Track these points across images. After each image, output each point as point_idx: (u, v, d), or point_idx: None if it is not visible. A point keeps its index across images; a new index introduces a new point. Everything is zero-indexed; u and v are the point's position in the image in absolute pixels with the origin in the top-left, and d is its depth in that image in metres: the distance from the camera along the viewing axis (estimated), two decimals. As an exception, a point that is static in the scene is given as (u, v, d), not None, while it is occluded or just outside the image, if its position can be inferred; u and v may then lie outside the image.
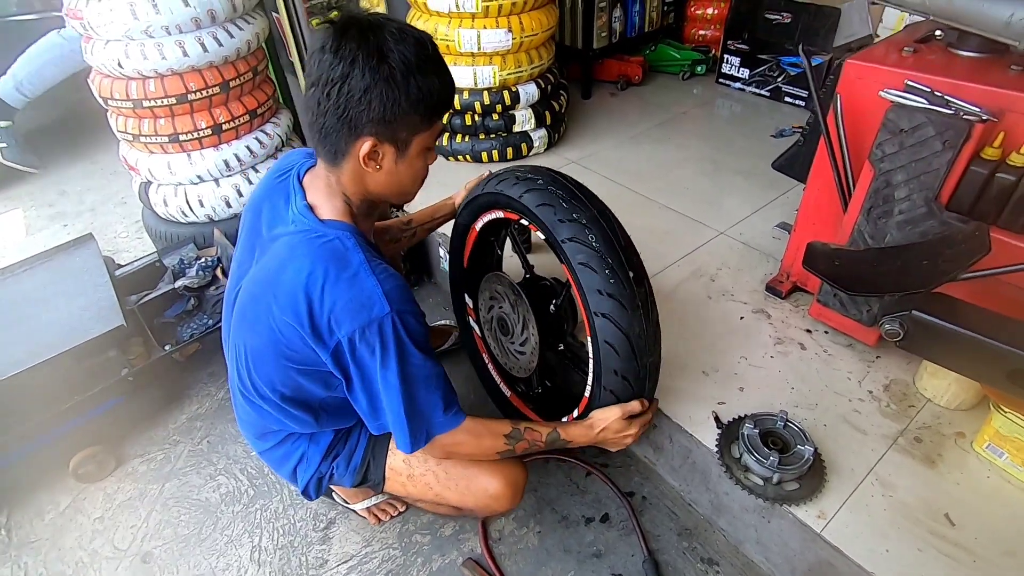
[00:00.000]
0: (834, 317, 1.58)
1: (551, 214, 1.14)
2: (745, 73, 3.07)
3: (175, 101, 1.86)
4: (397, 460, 1.26)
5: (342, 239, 0.97)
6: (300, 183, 1.04)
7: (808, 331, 1.65)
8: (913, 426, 1.39)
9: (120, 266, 1.94)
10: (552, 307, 1.40)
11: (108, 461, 1.63)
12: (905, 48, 1.35)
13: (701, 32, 3.42)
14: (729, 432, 1.37)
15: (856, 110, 1.37)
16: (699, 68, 3.29)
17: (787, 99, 2.96)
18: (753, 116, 2.89)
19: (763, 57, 2.97)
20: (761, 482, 1.27)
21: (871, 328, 1.51)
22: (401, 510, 1.50)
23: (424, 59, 0.90)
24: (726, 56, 3.11)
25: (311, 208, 1.00)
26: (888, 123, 1.25)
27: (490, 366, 1.62)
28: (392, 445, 1.27)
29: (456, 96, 2.35)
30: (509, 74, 2.30)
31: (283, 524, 1.50)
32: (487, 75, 2.28)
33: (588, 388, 1.25)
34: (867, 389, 1.48)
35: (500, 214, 1.33)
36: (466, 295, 1.58)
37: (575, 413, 1.31)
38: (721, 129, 2.83)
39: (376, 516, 1.49)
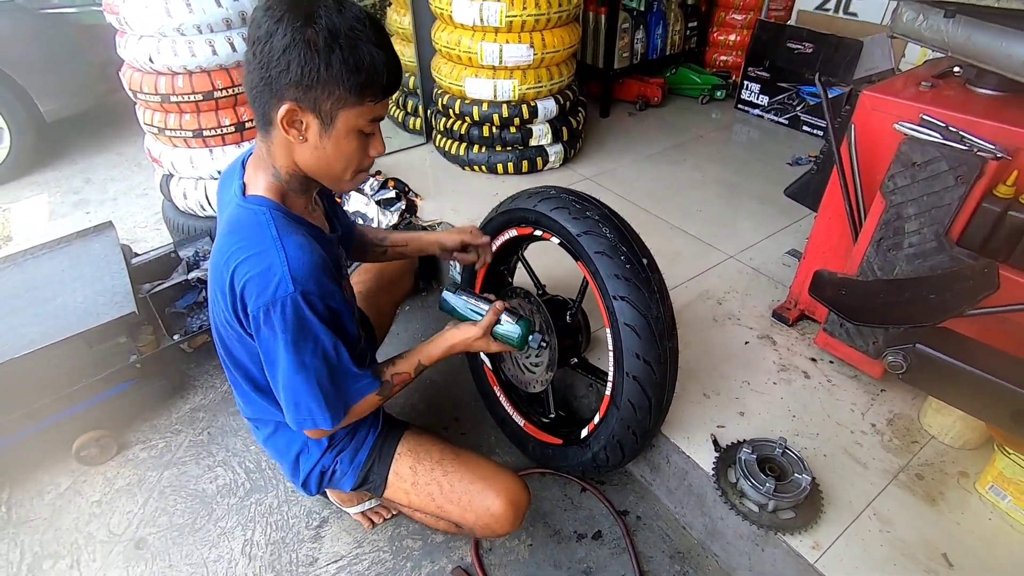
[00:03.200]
0: (840, 347, 1.57)
1: (565, 215, 1.22)
2: (764, 100, 3.08)
3: (201, 98, 1.91)
4: (403, 466, 1.24)
5: (257, 214, 0.96)
6: (243, 166, 1.06)
7: (813, 360, 1.64)
8: (915, 462, 1.37)
9: (137, 255, 1.98)
10: (567, 317, 1.44)
11: (110, 446, 1.65)
12: (923, 82, 1.36)
13: (722, 58, 3.46)
14: (727, 456, 1.36)
15: (870, 141, 1.37)
16: (719, 93, 3.31)
17: (805, 128, 2.97)
18: (770, 142, 2.90)
19: (783, 85, 2.98)
20: (756, 508, 1.26)
21: (877, 360, 1.49)
22: (394, 512, 1.50)
23: (356, 33, 0.85)
24: (746, 82, 3.13)
25: (244, 187, 1.01)
26: (901, 155, 1.25)
27: (502, 398, 1.60)
28: (401, 448, 1.26)
29: (475, 108, 2.39)
30: (529, 88, 2.33)
31: (276, 519, 1.51)
32: (507, 88, 2.31)
33: (609, 381, 1.25)
34: (870, 422, 1.46)
35: (514, 232, 1.38)
36: None
37: (596, 419, 1.33)
38: (737, 154, 2.84)
39: (370, 520, 1.49)
